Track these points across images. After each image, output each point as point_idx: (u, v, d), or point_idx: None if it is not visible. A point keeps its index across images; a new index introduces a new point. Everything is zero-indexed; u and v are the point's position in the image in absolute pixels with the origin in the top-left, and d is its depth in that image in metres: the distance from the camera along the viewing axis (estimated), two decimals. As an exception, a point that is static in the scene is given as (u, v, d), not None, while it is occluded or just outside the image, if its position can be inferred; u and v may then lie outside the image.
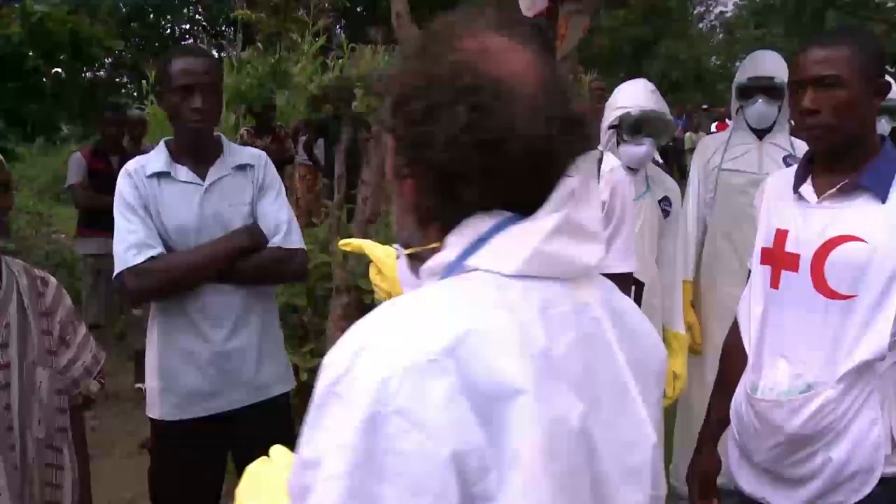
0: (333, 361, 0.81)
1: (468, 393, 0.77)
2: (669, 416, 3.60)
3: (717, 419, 2.03)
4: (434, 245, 0.93)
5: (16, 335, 1.88)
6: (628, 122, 2.90)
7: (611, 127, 2.97)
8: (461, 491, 0.75)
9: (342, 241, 1.72)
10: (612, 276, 1.90)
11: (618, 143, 2.91)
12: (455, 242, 0.90)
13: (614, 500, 0.89)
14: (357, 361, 0.79)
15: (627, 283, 2.00)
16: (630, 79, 3.23)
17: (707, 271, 3.47)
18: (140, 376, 5.15)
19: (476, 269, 0.88)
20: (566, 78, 0.95)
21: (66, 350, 2.02)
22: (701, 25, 33.78)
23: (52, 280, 2.05)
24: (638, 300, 2.59)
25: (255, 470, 1.03)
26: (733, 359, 1.97)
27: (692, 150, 14.65)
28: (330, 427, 0.78)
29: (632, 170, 2.87)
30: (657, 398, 1.03)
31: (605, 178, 1.91)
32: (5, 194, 1.86)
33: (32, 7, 6.21)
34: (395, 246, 1.04)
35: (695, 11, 32.74)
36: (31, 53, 6.37)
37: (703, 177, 3.48)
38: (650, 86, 3.05)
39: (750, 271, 1.99)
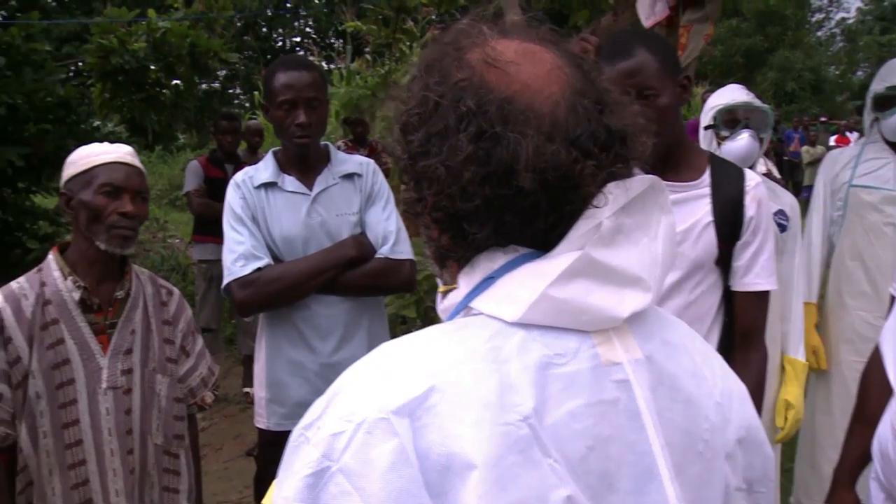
0: (315, 403, 0.76)
1: (419, 459, 0.68)
2: (788, 445, 3.40)
3: (856, 455, 1.86)
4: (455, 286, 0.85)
5: (139, 342, 1.92)
6: (722, 117, 2.83)
7: (707, 128, 2.90)
8: None
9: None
10: (757, 294, 1.88)
11: (718, 145, 2.83)
12: (465, 282, 0.82)
13: None
14: (328, 408, 0.74)
15: (768, 301, 1.93)
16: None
17: (834, 293, 3.25)
18: (248, 380, 5.28)
19: (480, 313, 0.78)
20: (601, 84, 0.81)
21: (186, 359, 2.06)
22: (819, 33, 32.33)
23: (176, 291, 2.10)
24: None
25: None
26: (874, 389, 1.80)
27: (809, 164, 14.06)
28: (292, 472, 0.73)
29: None
30: (731, 484, 0.85)
31: (751, 194, 1.84)
32: (143, 205, 1.92)
33: (157, 23, 6.49)
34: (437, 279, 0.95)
35: (813, 19, 31.36)
36: (152, 67, 6.67)
37: (829, 193, 3.27)
38: (740, 85, 2.98)
39: (893, 296, 1.82)
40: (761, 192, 1.85)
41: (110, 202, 1.84)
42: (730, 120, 2.82)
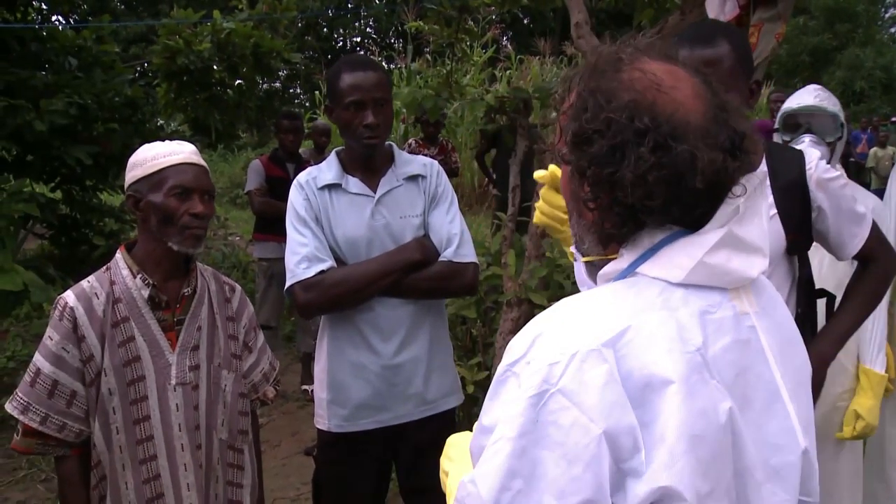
0: (513, 347, 0.95)
1: (623, 380, 0.88)
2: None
3: None
4: (611, 256, 1.04)
5: (205, 338, 1.96)
6: (783, 121, 2.82)
7: (775, 131, 2.89)
8: (614, 464, 0.87)
9: (538, 173, 1.63)
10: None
11: None
12: (628, 253, 1.01)
13: (758, 495, 0.97)
14: (532, 347, 0.93)
15: (874, 227, 2.02)
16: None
17: (908, 302, 3.12)
18: (306, 378, 5.33)
19: (644, 276, 0.99)
20: (724, 95, 1.01)
21: (249, 355, 2.10)
22: (894, 30, 31.11)
23: (238, 287, 2.13)
24: (829, 313, 2.36)
25: (454, 441, 1.22)
26: None
27: (873, 169, 13.59)
28: (505, 400, 0.93)
29: None
30: (810, 406, 1.09)
31: (815, 178, 1.85)
32: (210, 203, 1.94)
33: (221, 24, 6.60)
34: (572, 250, 1.13)
35: (886, 14, 30.22)
36: (216, 67, 6.78)
37: (906, 196, 3.13)
38: (818, 87, 2.93)
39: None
40: (821, 171, 1.84)
41: (181, 203, 1.86)
42: (792, 125, 2.77)
